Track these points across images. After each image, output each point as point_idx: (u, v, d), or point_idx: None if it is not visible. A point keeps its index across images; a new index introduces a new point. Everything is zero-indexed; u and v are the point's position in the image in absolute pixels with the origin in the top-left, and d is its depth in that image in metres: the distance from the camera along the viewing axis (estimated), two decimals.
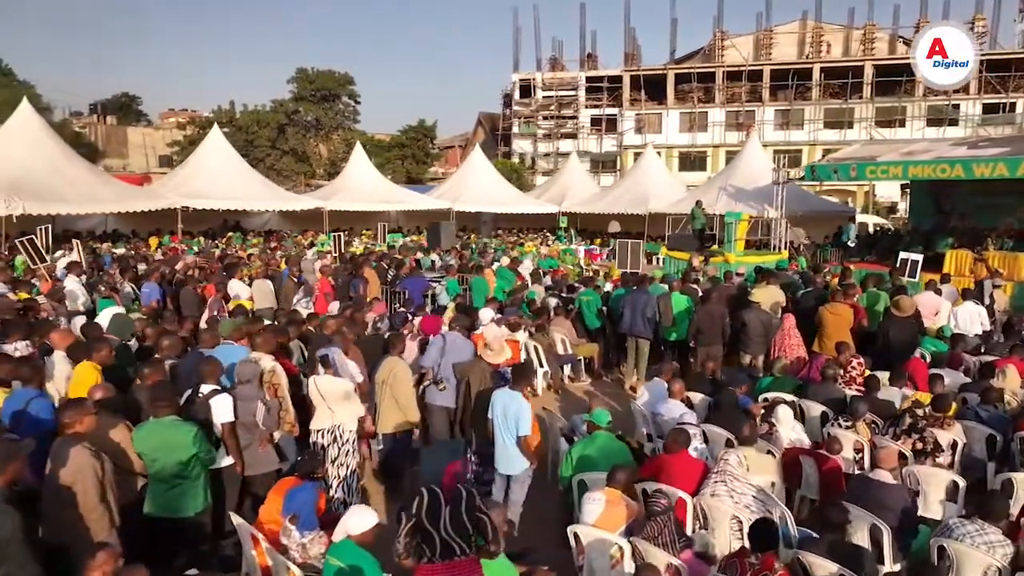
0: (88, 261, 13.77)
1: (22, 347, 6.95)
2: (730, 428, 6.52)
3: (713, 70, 45.55)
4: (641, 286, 10.71)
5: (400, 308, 11.97)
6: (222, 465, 5.49)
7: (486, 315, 8.60)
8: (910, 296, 11.21)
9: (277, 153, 48.62)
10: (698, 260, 16.91)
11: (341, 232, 25.80)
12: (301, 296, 11.81)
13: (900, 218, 34.19)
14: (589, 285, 12.65)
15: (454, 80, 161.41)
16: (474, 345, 7.65)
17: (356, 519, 4.06)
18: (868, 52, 43.75)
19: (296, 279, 12.23)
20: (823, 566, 4.33)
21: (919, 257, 12.82)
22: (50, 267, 12.67)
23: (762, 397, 7.85)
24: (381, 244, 22.99)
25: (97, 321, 8.05)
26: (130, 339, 7.64)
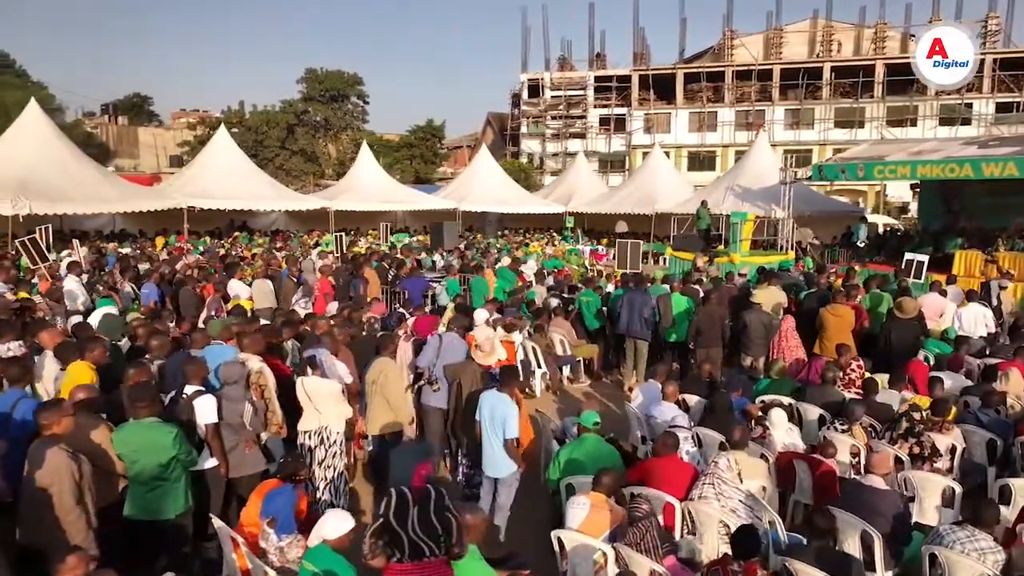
0: (90, 261, 13.81)
1: (15, 347, 6.95)
2: (723, 431, 6.42)
3: (722, 69, 45.31)
4: (639, 286, 10.60)
5: (400, 308, 11.93)
6: (205, 467, 5.45)
7: (481, 316, 8.53)
8: (914, 297, 11.09)
9: (286, 153, 48.78)
10: (702, 260, 16.78)
11: (344, 232, 25.94)
12: (300, 296, 11.78)
13: (911, 218, 33.84)
14: (589, 286, 12.56)
15: (463, 80, 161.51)
16: (470, 346, 7.59)
17: (331, 524, 4.01)
18: (879, 51, 43.37)
19: (295, 279, 12.21)
20: (809, 574, 4.24)
21: (924, 258, 12.66)
22: (52, 267, 12.72)
23: (759, 399, 7.74)
24: (384, 244, 22.96)
25: (87, 321, 8.03)
26: (121, 339, 7.63)
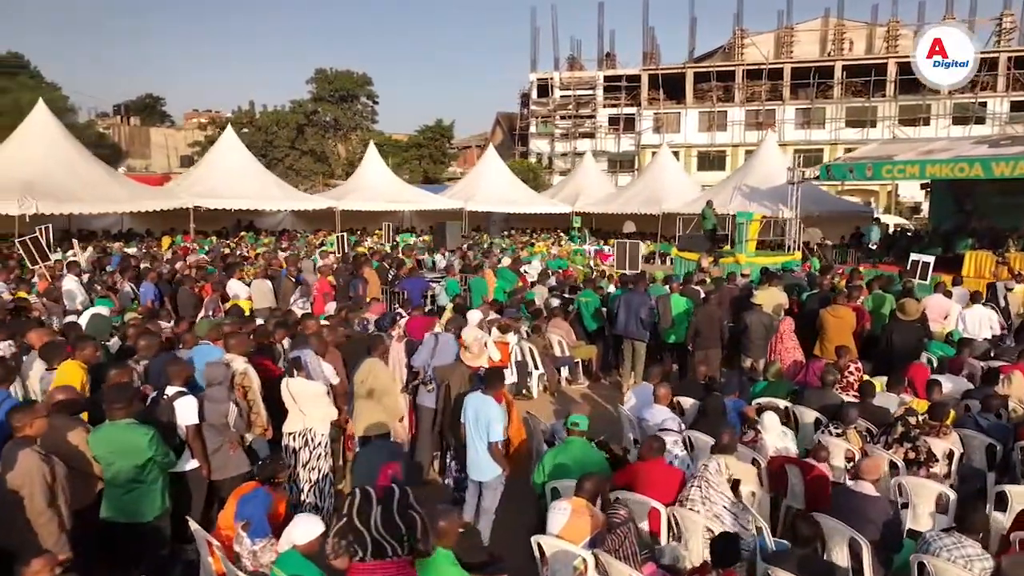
0: (91, 260, 13.84)
1: (4, 347, 6.96)
2: (715, 435, 6.29)
3: (733, 69, 45.01)
4: (636, 287, 10.49)
5: (399, 309, 11.88)
6: (186, 469, 5.41)
7: (474, 316, 8.45)
8: (919, 299, 10.92)
9: (296, 153, 48.98)
10: (707, 261, 16.64)
11: (348, 232, 25.93)
12: (298, 296, 11.76)
13: (924, 219, 33.51)
14: (589, 286, 12.44)
15: (473, 80, 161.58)
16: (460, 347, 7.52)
17: (301, 528, 3.95)
18: (892, 49, 42.92)
19: (294, 279, 12.19)
20: None
21: (930, 259, 12.46)
22: (53, 267, 12.75)
23: (755, 402, 7.62)
24: (386, 244, 22.94)
25: (77, 321, 8.03)
26: (110, 339, 7.61)
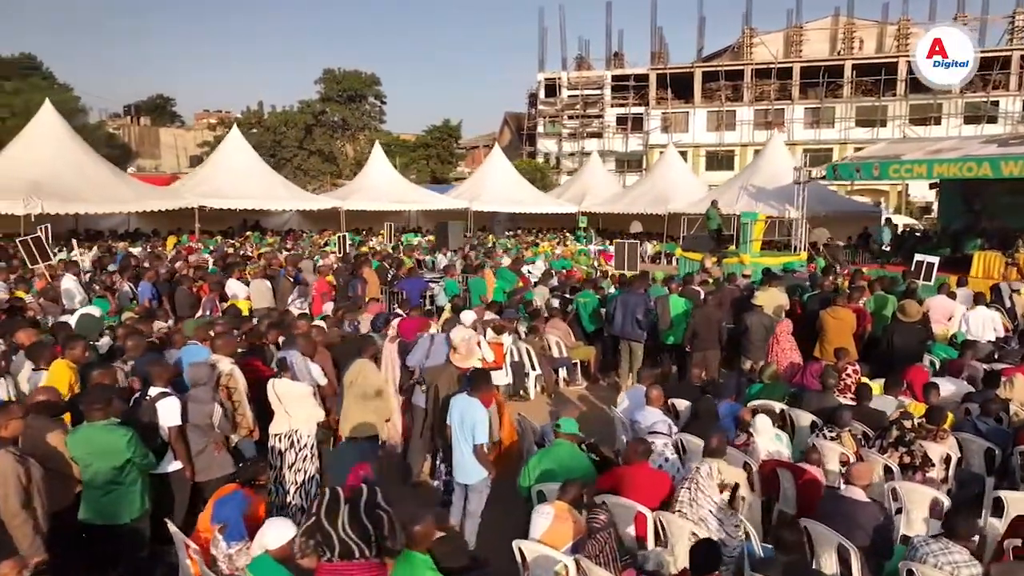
0: (92, 260, 13.88)
1: None
2: (706, 438, 6.21)
3: (741, 68, 44.76)
4: (632, 287, 10.39)
5: (397, 309, 11.84)
6: (169, 470, 5.37)
7: (468, 316, 8.39)
8: (922, 300, 10.78)
9: (304, 153, 49.02)
10: (711, 261, 16.51)
11: (354, 232, 25.96)
12: (296, 296, 11.73)
13: (934, 219, 33.20)
14: (589, 286, 12.35)
15: (481, 80, 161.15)
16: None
17: (273, 532, 3.89)
18: (902, 48, 42.53)
19: (292, 279, 12.17)
20: None
21: (935, 259, 12.30)
22: (55, 266, 12.78)
23: (750, 405, 7.51)
24: (388, 244, 22.92)
25: (67, 321, 8.03)
26: (99, 339, 7.60)
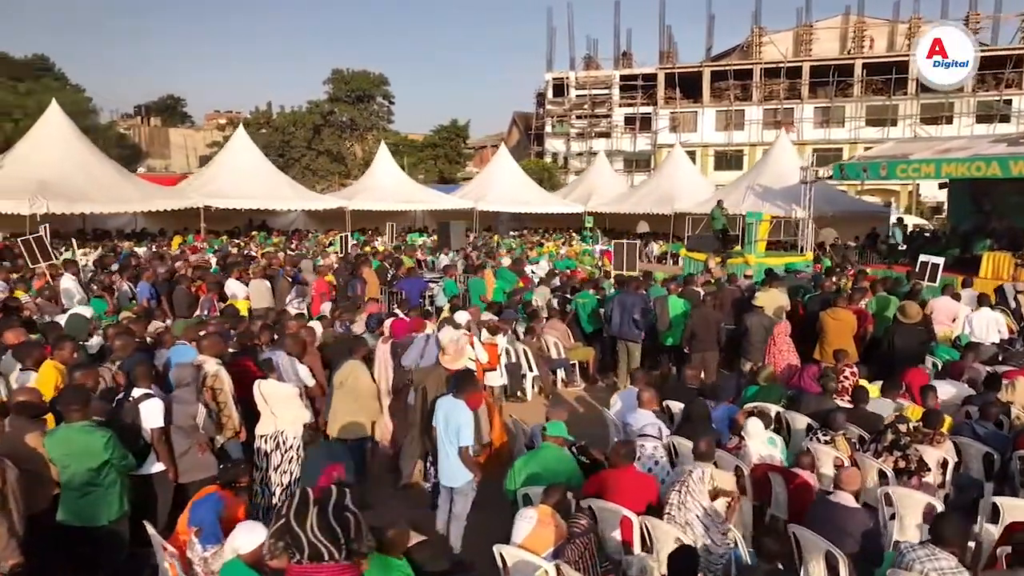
0: (94, 260, 13.91)
1: None
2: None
3: (751, 67, 44.47)
4: (629, 287, 10.30)
5: (396, 309, 11.80)
6: (152, 471, 5.34)
7: (462, 317, 8.33)
8: (926, 300, 10.64)
9: (313, 153, 49.12)
10: (714, 262, 16.37)
11: (360, 232, 25.93)
12: (294, 296, 11.70)
13: (945, 219, 32.86)
14: (588, 287, 12.25)
15: (490, 80, 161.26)
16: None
17: (243, 536, 3.84)
18: (913, 47, 42.08)
19: (290, 279, 12.14)
20: None
21: (940, 260, 12.13)
22: (60, 266, 12.81)
23: (746, 407, 7.41)
24: (390, 244, 22.91)
25: (59, 320, 8.03)
26: (88, 339, 7.59)
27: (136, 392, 5.36)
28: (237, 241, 23.01)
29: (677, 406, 7.63)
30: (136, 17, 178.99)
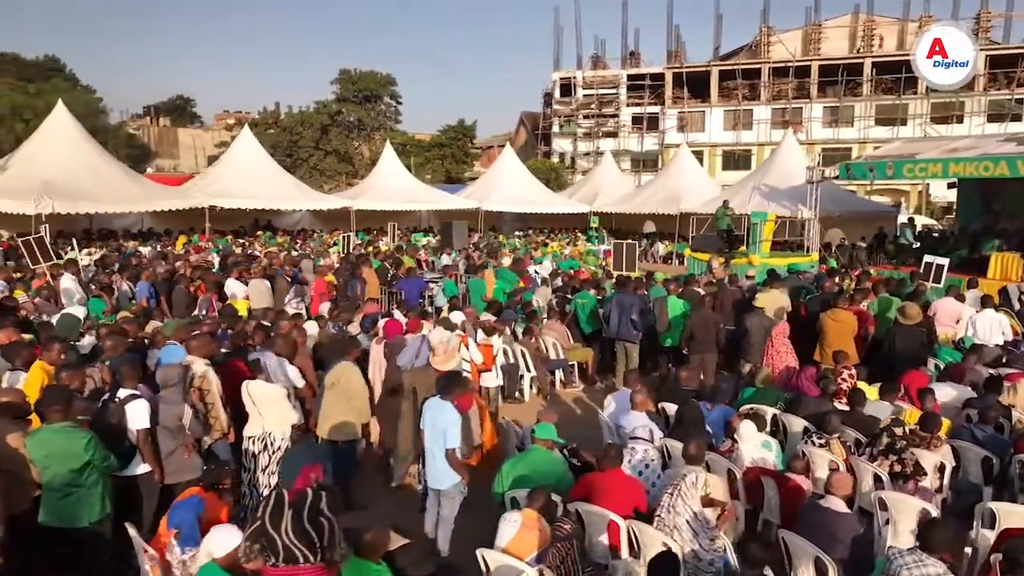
0: (95, 260, 13.94)
1: None
2: None
3: (759, 66, 44.21)
4: (627, 287, 10.21)
5: (395, 309, 11.76)
6: (138, 472, 5.31)
7: (456, 317, 8.29)
8: (930, 301, 10.51)
9: (320, 153, 49.23)
10: (717, 262, 16.26)
11: (364, 231, 25.92)
12: (292, 296, 11.68)
13: (955, 219, 32.56)
14: (588, 287, 12.17)
15: (497, 80, 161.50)
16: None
17: (218, 539, 3.79)
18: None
19: (289, 279, 12.11)
20: None
21: (944, 261, 11.97)
22: (63, 266, 12.84)
23: (742, 409, 7.32)
24: (392, 244, 22.89)
25: (50, 320, 8.02)
26: (79, 339, 7.57)
27: (122, 393, 5.32)
28: (242, 241, 23.04)
29: (672, 408, 7.55)
30: (147, 18, 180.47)
